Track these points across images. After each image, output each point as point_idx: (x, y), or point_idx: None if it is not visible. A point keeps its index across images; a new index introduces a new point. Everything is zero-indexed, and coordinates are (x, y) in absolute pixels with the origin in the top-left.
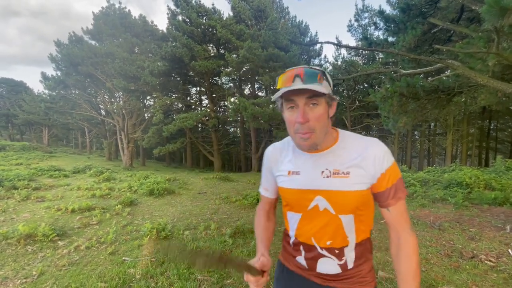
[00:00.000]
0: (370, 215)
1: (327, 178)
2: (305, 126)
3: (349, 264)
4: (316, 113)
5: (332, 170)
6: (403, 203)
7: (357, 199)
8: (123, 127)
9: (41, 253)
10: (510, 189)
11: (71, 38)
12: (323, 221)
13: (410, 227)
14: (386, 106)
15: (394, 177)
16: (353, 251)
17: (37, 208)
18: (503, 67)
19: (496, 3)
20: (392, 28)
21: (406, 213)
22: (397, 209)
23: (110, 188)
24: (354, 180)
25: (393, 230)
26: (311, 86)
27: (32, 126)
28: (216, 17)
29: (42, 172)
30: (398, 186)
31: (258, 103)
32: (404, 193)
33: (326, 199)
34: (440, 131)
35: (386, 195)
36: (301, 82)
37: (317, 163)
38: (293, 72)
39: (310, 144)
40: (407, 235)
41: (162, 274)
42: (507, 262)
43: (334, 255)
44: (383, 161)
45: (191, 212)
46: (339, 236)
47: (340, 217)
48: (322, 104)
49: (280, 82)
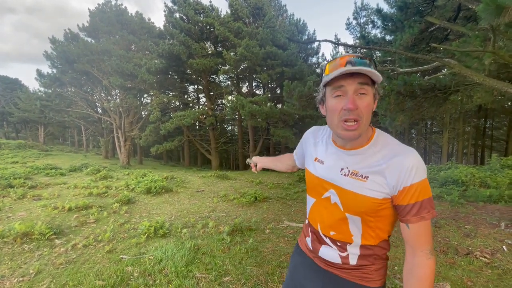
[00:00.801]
0: (383, 225)
1: (344, 176)
2: (354, 113)
3: (351, 260)
4: (365, 102)
5: (352, 171)
6: (427, 223)
7: (367, 205)
8: (120, 125)
9: (38, 251)
10: (505, 187)
11: (66, 35)
12: (331, 213)
13: (429, 250)
14: (383, 105)
15: (420, 195)
16: (358, 251)
17: (34, 207)
18: (499, 65)
19: (492, 2)
20: (390, 27)
21: (429, 235)
22: (417, 228)
23: (107, 186)
24: (371, 186)
25: (409, 248)
26: (367, 69)
27: (28, 124)
28: (214, 15)
29: (38, 171)
30: (424, 206)
31: (255, 101)
32: (431, 214)
33: (337, 195)
34: (437, 129)
35: (407, 211)
36: (353, 68)
37: (341, 159)
38: (345, 58)
39: (355, 135)
40: (423, 257)
41: (160, 272)
42: (501, 259)
43: (336, 246)
44: (409, 175)
45: (188, 210)
46: (343, 231)
47: (347, 215)
48: (370, 95)
49: (328, 68)
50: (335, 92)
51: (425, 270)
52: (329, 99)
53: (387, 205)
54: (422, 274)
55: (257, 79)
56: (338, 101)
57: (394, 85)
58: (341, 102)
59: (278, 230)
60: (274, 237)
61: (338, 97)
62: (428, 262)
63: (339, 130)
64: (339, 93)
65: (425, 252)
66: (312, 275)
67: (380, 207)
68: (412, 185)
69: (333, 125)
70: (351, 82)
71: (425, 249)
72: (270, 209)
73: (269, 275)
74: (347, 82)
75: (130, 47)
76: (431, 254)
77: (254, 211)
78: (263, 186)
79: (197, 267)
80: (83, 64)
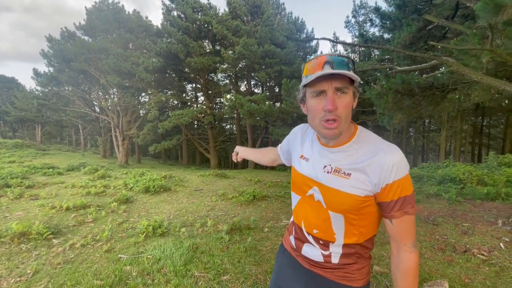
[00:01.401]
0: (366, 223)
1: (327, 174)
2: (334, 113)
3: (333, 259)
4: (344, 101)
5: (334, 168)
6: (410, 218)
7: (349, 203)
8: (118, 124)
9: (35, 251)
10: (502, 185)
11: (63, 33)
12: (314, 210)
13: (412, 244)
14: (381, 103)
15: (403, 191)
16: (340, 250)
17: (31, 206)
18: (497, 64)
19: (491, 0)
20: (388, 25)
21: (412, 229)
22: (401, 223)
23: (105, 185)
24: (353, 183)
25: (393, 243)
26: (346, 71)
27: (25, 123)
28: (212, 13)
29: (36, 170)
30: (407, 201)
31: (254, 100)
32: (414, 209)
33: (320, 192)
34: (434, 127)
35: (390, 207)
36: (331, 69)
37: (324, 156)
38: (323, 59)
39: (336, 133)
40: (407, 251)
41: (159, 271)
42: (498, 256)
43: (318, 245)
44: (391, 172)
45: (187, 209)
46: (326, 229)
47: (330, 212)
48: (350, 94)
49: (306, 69)
50: (314, 93)
51: (409, 264)
52: (309, 99)
53: (370, 202)
54: (406, 268)
55: (256, 78)
56: (318, 101)
57: (392, 84)
58: (321, 103)
59: (276, 228)
60: (273, 235)
61: (318, 97)
62: (411, 256)
63: (320, 129)
64: (318, 94)
65: (409, 246)
66: (296, 275)
67: (362, 205)
68: (394, 182)
69: (314, 125)
70: (329, 83)
71: (408, 243)
72: (268, 207)
73: (268, 273)
74: (326, 83)
75: (127, 46)
76: (414, 248)
77: (253, 210)
78: (261, 185)
79: (196, 266)
80: (80, 63)
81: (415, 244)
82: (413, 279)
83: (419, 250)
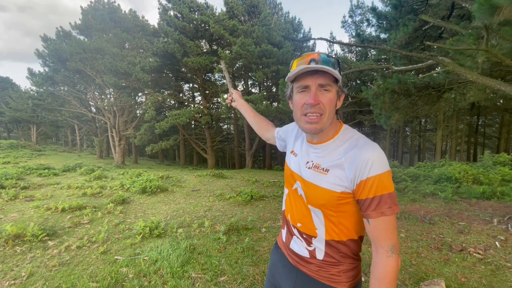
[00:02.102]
0: (347, 222)
1: (308, 169)
2: (316, 107)
3: (318, 254)
4: (327, 97)
5: (315, 164)
6: (389, 219)
7: (326, 198)
8: (115, 124)
9: (30, 253)
10: (497, 183)
11: (58, 33)
12: (298, 204)
13: (390, 248)
14: (378, 103)
15: (378, 189)
16: (323, 246)
17: (26, 208)
18: (492, 64)
19: (486, 1)
20: (384, 25)
21: (390, 231)
22: (378, 223)
23: (102, 186)
24: (330, 179)
25: (373, 244)
26: (329, 68)
27: (20, 123)
28: (209, 13)
29: (31, 171)
30: (384, 201)
31: (251, 100)
32: (393, 210)
33: (302, 187)
34: (431, 127)
35: (366, 205)
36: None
37: (308, 153)
38: (310, 56)
39: (317, 128)
40: (383, 255)
41: (156, 273)
42: (494, 255)
43: (303, 239)
44: (365, 168)
45: (184, 210)
46: (308, 223)
47: (309, 207)
48: (333, 92)
49: (294, 65)
50: (299, 88)
51: (384, 269)
52: (294, 94)
53: (348, 200)
54: (380, 272)
55: (253, 78)
56: (301, 96)
57: (389, 84)
58: (304, 97)
59: (274, 228)
60: (271, 236)
61: (302, 92)
62: (387, 260)
63: (301, 123)
64: (303, 89)
65: (386, 250)
66: (286, 273)
67: (339, 201)
68: (368, 179)
69: (297, 119)
70: (314, 80)
71: (386, 246)
72: (266, 207)
73: (265, 274)
74: (310, 78)
75: (123, 45)
76: (392, 252)
77: (250, 210)
78: (259, 185)
79: (193, 267)
80: (75, 63)
81: (394, 248)
82: (387, 285)
83: (416, 249)
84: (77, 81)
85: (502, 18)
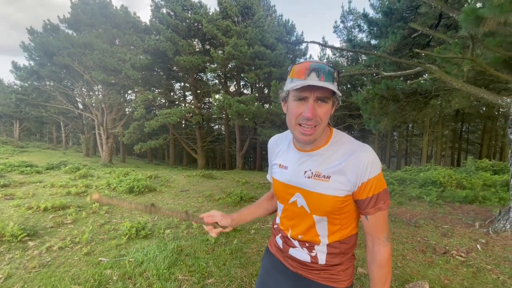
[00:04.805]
0: (347, 221)
1: (308, 179)
2: (312, 120)
3: (320, 260)
4: (323, 109)
5: (314, 172)
6: (383, 214)
7: (332, 204)
8: (102, 122)
9: (8, 254)
10: (479, 188)
11: (46, 26)
12: (299, 217)
13: (385, 238)
14: (368, 108)
15: (377, 188)
16: (325, 250)
17: (5, 207)
18: (477, 72)
19: (472, 12)
20: (375, 31)
21: (385, 223)
22: (375, 218)
23: (87, 185)
24: (333, 185)
25: (369, 238)
26: (329, 85)
27: (1, 118)
28: (202, 12)
29: (12, 168)
30: (380, 197)
31: (243, 101)
32: (386, 204)
33: (303, 198)
34: (417, 132)
35: (366, 204)
36: (317, 78)
37: (303, 162)
38: (308, 66)
39: (310, 140)
40: (381, 245)
41: (141, 275)
42: (475, 257)
43: (305, 248)
44: (366, 171)
45: None
46: (311, 233)
47: (314, 216)
48: (330, 104)
49: (293, 72)
50: (297, 96)
51: (383, 256)
52: (291, 101)
53: (349, 201)
54: (380, 260)
55: (245, 79)
56: (298, 105)
57: (378, 89)
58: (300, 108)
59: (263, 230)
60: (259, 237)
61: (299, 101)
62: (385, 249)
63: (296, 133)
64: (300, 98)
65: (382, 240)
66: (282, 279)
67: (343, 204)
68: (369, 180)
69: (291, 126)
70: (312, 93)
71: (382, 237)
72: None
73: (253, 276)
74: (309, 92)
75: (114, 41)
76: (387, 241)
77: None
78: (249, 186)
79: (180, 269)
80: (63, 57)
81: (388, 237)
82: (387, 269)
83: (402, 252)
84: (64, 76)
85: (487, 29)
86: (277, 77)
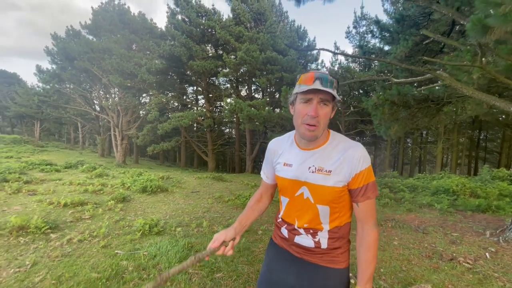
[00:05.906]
0: (344, 209)
1: (312, 173)
2: (314, 120)
3: (322, 244)
4: (324, 111)
5: (317, 167)
6: (372, 202)
7: (333, 194)
8: (118, 124)
9: (33, 244)
10: (493, 197)
11: (68, 32)
12: (304, 207)
13: (373, 223)
14: (378, 114)
15: (366, 179)
16: (327, 236)
17: (29, 201)
18: (489, 80)
19: (479, 21)
20: (387, 38)
21: (373, 211)
22: (364, 205)
23: (103, 184)
24: (333, 178)
25: (359, 223)
26: (330, 90)
27: (24, 119)
28: (216, 18)
29: (33, 166)
30: (369, 187)
31: (254, 105)
32: (374, 194)
33: (309, 190)
34: (432, 139)
35: (357, 193)
36: (320, 85)
37: (307, 159)
38: (314, 75)
39: (313, 135)
40: (369, 229)
41: (154, 267)
42: (483, 265)
43: (309, 234)
44: (358, 164)
45: (183, 210)
46: (315, 221)
47: (317, 206)
48: (330, 107)
49: (301, 80)
50: (303, 99)
51: (371, 238)
52: (298, 103)
53: (345, 191)
54: (368, 242)
55: (256, 83)
56: (304, 106)
57: (388, 95)
58: (306, 108)
59: (270, 231)
60: (267, 238)
61: (305, 103)
62: (373, 232)
63: (302, 130)
64: (306, 101)
65: (370, 225)
66: (288, 266)
67: (341, 194)
68: (361, 172)
69: (297, 125)
70: (316, 95)
71: (370, 223)
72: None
73: (259, 272)
74: (314, 94)
75: (131, 47)
76: (375, 227)
77: None
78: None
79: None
80: (83, 61)
81: (375, 224)
82: (374, 252)
83: (407, 256)
84: (83, 79)
85: (494, 38)
86: (288, 82)
